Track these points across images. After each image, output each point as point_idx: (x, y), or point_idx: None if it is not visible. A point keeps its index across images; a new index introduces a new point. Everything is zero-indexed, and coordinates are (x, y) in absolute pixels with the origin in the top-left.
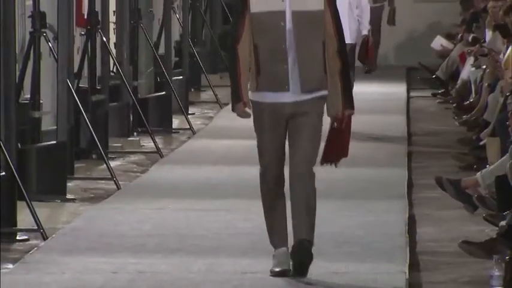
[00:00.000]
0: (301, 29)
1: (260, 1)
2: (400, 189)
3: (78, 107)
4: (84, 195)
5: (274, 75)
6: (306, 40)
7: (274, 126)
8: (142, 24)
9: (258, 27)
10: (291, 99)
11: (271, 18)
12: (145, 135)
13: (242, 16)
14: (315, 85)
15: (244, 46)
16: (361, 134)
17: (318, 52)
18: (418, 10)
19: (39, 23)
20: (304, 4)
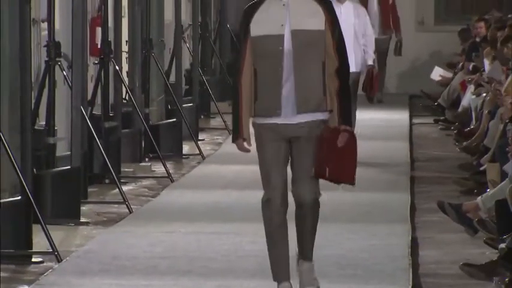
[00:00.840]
0: (299, 49)
1: (260, 25)
2: (403, 213)
3: (91, 133)
4: (97, 219)
5: (268, 100)
6: (304, 61)
7: (276, 149)
8: (153, 54)
9: (257, 51)
10: (289, 121)
11: (270, 42)
12: (157, 161)
13: (244, 42)
14: (311, 106)
15: (247, 75)
16: (365, 159)
17: (317, 73)
18: (420, 40)
19: (54, 52)
20: (304, 24)
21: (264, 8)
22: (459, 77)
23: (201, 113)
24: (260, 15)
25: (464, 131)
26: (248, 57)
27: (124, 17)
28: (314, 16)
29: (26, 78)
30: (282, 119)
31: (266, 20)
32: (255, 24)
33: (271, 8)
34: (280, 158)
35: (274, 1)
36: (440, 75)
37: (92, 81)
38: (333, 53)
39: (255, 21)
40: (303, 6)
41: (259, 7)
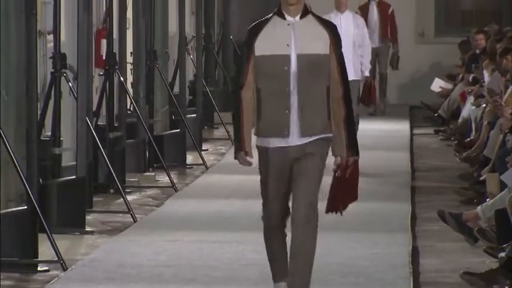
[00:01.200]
0: (305, 73)
1: (265, 45)
2: (404, 222)
3: (96, 143)
4: (102, 228)
5: (274, 120)
6: (310, 84)
7: (279, 173)
8: (158, 65)
9: (262, 71)
10: (294, 143)
11: (276, 62)
12: (161, 171)
13: (248, 60)
14: (316, 131)
15: (249, 91)
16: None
17: (322, 97)
18: (420, 52)
19: (60, 64)
20: (309, 48)
21: (268, 27)
22: (459, 88)
23: (205, 123)
24: (265, 35)
25: (464, 142)
26: (251, 76)
27: (129, 29)
28: (319, 39)
29: (32, 89)
30: (286, 141)
31: (271, 39)
32: (260, 43)
33: (276, 28)
34: (282, 184)
35: (279, 21)
36: (440, 87)
37: (97, 92)
38: (338, 77)
39: (260, 41)
40: (308, 28)
41: (263, 27)
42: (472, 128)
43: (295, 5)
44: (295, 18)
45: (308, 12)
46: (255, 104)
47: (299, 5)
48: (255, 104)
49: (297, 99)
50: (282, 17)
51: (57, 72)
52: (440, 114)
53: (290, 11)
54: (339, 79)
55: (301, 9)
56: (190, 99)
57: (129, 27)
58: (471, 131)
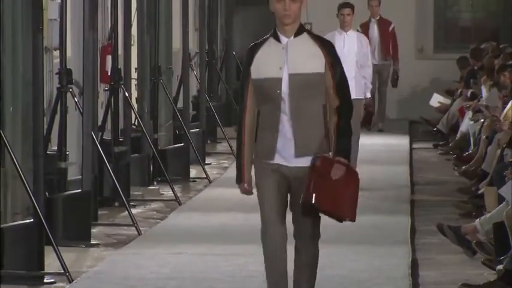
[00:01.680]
0: (297, 94)
1: (259, 68)
2: (403, 235)
3: (102, 158)
4: (107, 241)
5: (266, 143)
6: (303, 104)
7: (276, 187)
8: (162, 81)
9: (259, 93)
10: (290, 164)
11: (268, 85)
12: (165, 184)
13: (247, 83)
14: (311, 150)
15: (250, 117)
16: (367, 184)
17: (318, 116)
18: (419, 67)
19: (66, 80)
20: (303, 67)
21: (264, 49)
22: (458, 104)
23: (208, 138)
24: (260, 57)
25: (463, 156)
26: (251, 98)
27: (133, 45)
28: (313, 58)
29: (38, 105)
30: (282, 160)
31: (265, 62)
32: (255, 66)
33: (270, 51)
34: (279, 196)
35: (274, 43)
36: (439, 102)
37: (102, 107)
38: (334, 95)
39: (255, 63)
40: (302, 48)
41: (260, 48)
42: (470, 142)
43: (290, 24)
44: (290, 38)
45: (303, 31)
46: (254, 126)
47: (294, 25)
48: (255, 126)
49: (291, 121)
50: (277, 39)
51: (63, 87)
52: (439, 129)
53: (285, 31)
54: (335, 95)
55: (296, 28)
56: (194, 114)
57: (134, 43)
58: (469, 145)
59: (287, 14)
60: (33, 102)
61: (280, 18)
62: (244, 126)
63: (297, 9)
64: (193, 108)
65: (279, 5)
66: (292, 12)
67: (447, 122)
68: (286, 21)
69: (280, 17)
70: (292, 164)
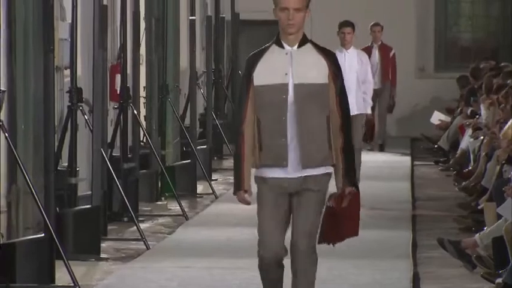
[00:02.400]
0: (303, 102)
1: (264, 74)
2: (405, 249)
3: (111, 174)
4: (116, 255)
5: (273, 150)
6: (308, 114)
7: (276, 202)
8: (169, 99)
9: (261, 100)
10: (293, 175)
11: (274, 91)
12: (172, 200)
13: (247, 91)
14: (317, 161)
15: (249, 126)
16: (370, 199)
17: (321, 127)
18: (420, 86)
19: (76, 98)
20: (308, 77)
21: (267, 57)
22: (458, 121)
23: (214, 154)
24: (263, 64)
25: (463, 172)
26: (250, 106)
27: (142, 64)
28: (317, 68)
29: (49, 122)
30: (286, 173)
31: (270, 69)
32: (259, 73)
33: (274, 57)
34: (280, 220)
35: (278, 50)
36: (439, 120)
37: (111, 124)
38: (336, 108)
39: (259, 71)
40: (306, 56)
41: (262, 56)
42: (470, 159)
43: (294, 34)
44: (294, 48)
45: (307, 41)
46: (255, 135)
47: (298, 34)
48: (256, 135)
49: (295, 129)
50: (281, 46)
51: (74, 105)
52: (440, 146)
53: (289, 40)
54: (337, 109)
55: (300, 38)
56: (201, 132)
57: (142, 62)
58: (469, 162)
59: (291, 23)
60: (45, 120)
61: (283, 28)
62: (243, 135)
63: (301, 19)
64: (200, 125)
65: (282, 14)
66: (296, 21)
67: (448, 139)
68: (290, 30)
69: (283, 27)
70: (297, 175)
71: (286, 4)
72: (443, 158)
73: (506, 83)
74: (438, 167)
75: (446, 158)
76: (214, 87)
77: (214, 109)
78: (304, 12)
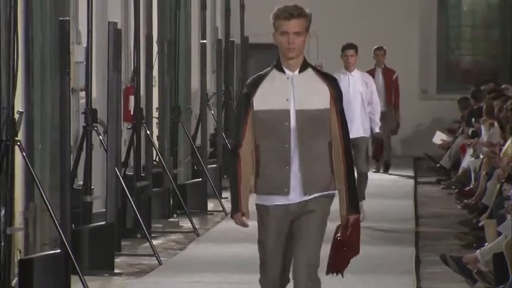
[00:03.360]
0: (305, 128)
1: (264, 99)
2: (409, 264)
3: (124, 192)
4: (129, 270)
5: (274, 178)
6: (310, 140)
7: (278, 234)
8: (181, 120)
9: (261, 126)
10: (295, 201)
11: (275, 117)
12: (184, 217)
13: (246, 116)
14: (319, 187)
15: (247, 149)
16: (374, 216)
17: (323, 152)
18: (423, 107)
19: (91, 119)
20: (309, 103)
21: (267, 81)
22: (459, 141)
23: (224, 173)
24: (264, 89)
25: (464, 190)
26: (249, 132)
27: (154, 86)
28: (319, 93)
29: (65, 142)
30: (288, 199)
31: (271, 94)
32: (259, 98)
33: (275, 82)
34: (281, 245)
35: (278, 75)
36: (441, 140)
37: (125, 144)
38: (338, 133)
39: (259, 95)
40: (307, 82)
41: (262, 81)
42: (471, 177)
43: (294, 58)
44: (295, 73)
45: (307, 66)
46: (253, 161)
47: (298, 59)
48: (254, 162)
49: (298, 156)
50: (281, 71)
51: (89, 126)
52: (442, 165)
53: (289, 65)
54: (338, 134)
55: (300, 63)
56: (211, 151)
57: (155, 84)
58: (471, 180)
59: (291, 47)
60: (61, 140)
61: (283, 52)
62: (240, 157)
63: (301, 43)
64: (211, 145)
65: (282, 38)
66: (296, 45)
67: (449, 159)
68: (290, 55)
69: (283, 51)
70: (297, 200)
71: (285, 28)
72: (445, 177)
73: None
74: (440, 185)
75: (448, 176)
76: (224, 108)
77: (224, 129)
78: (304, 36)
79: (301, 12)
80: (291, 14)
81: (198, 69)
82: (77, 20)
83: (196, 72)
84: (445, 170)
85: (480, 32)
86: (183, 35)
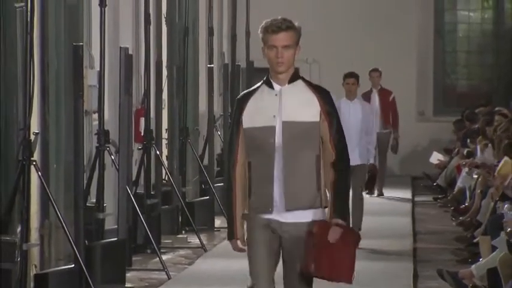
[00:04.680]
0: (291, 143)
1: (252, 117)
2: (407, 279)
3: (135, 209)
4: (140, 284)
5: (261, 196)
6: (296, 155)
7: (265, 242)
8: (189, 140)
9: (250, 144)
10: (281, 219)
11: (262, 134)
12: (192, 233)
13: (237, 134)
14: (303, 203)
15: (241, 170)
16: (374, 233)
17: (310, 167)
18: (420, 128)
19: (104, 139)
20: (297, 115)
21: (256, 97)
22: (455, 161)
23: None
24: (252, 105)
25: (460, 208)
26: (241, 150)
27: (164, 109)
28: (308, 106)
29: (79, 162)
30: (274, 215)
31: (258, 110)
32: (247, 115)
33: (263, 98)
34: (270, 253)
35: (267, 91)
36: (438, 159)
37: (136, 164)
38: (330, 146)
39: (247, 112)
40: (296, 95)
41: (251, 97)
42: (466, 196)
43: (284, 72)
44: (284, 86)
45: (298, 78)
46: (246, 180)
47: (288, 73)
48: (247, 181)
49: (282, 172)
50: (270, 86)
51: (101, 146)
52: (439, 184)
53: (279, 80)
54: (331, 146)
55: (290, 75)
56: (218, 170)
57: (164, 107)
58: (466, 198)
59: (280, 61)
60: (75, 160)
61: (272, 66)
62: (235, 180)
63: (291, 56)
64: (218, 165)
65: (271, 52)
66: (285, 59)
67: (445, 178)
68: (279, 69)
69: (272, 65)
70: (285, 219)
71: (274, 42)
72: (442, 195)
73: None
74: (437, 203)
75: (444, 195)
76: None
77: None
78: (294, 49)
79: (289, 25)
80: (279, 27)
81: (205, 92)
82: (90, 46)
83: (204, 95)
84: (441, 189)
85: (475, 57)
86: (191, 60)
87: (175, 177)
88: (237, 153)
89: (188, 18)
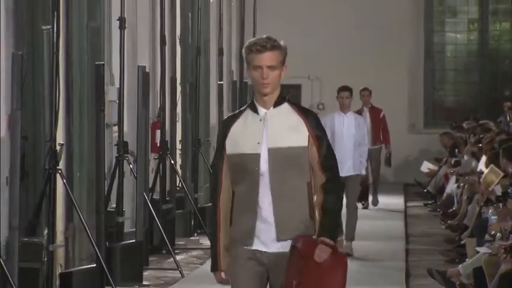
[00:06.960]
0: (277, 170)
1: (235, 142)
2: (399, 278)
3: (152, 214)
4: (156, 282)
5: (242, 228)
6: (285, 183)
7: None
8: (201, 151)
9: (234, 171)
10: (268, 249)
11: (246, 162)
12: (203, 235)
13: (221, 159)
14: (294, 233)
15: (225, 198)
16: (368, 236)
17: (301, 195)
18: (411, 139)
19: (123, 150)
20: (283, 141)
21: (240, 122)
22: (444, 170)
23: None
24: (236, 130)
25: (448, 212)
26: (226, 177)
27: (178, 122)
28: (295, 131)
29: (100, 171)
30: (260, 246)
31: (242, 136)
32: (230, 140)
33: (247, 123)
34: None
35: (252, 115)
36: (428, 168)
37: (152, 172)
38: (319, 167)
39: (231, 137)
40: (282, 120)
41: (235, 121)
42: (454, 201)
43: (269, 94)
44: (269, 110)
45: (283, 101)
46: (229, 209)
47: (273, 95)
48: (229, 210)
49: (269, 203)
50: (255, 110)
51: (121, 156)
52: (429, 190)
53: (264, 102)
54: (320, 169)
55: (275, 98)
56: None
57: (178, 120)
58: (454, 204)
59: (265, 82)
60: (96, 169)
61: (258, 88)
62: (218, 208)
63: (276, 77)
64: None
65: (256, 73)
66: (270, 80)
67: (435, 185)
68: (265, 90)
69: (257, 87)
70: (272, 249)
71: (258, 62)
72: (432, 201)
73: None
74: (427, 208)
75: (434, 200)
76: None
77: None
78: (279, 70)
79: (274, 45)
80: (264, 46)
81: (216, 106)
82: (111, 65)
83: (215, 110)
84: (431, 195)
85: (461, 75)
86: (203, 77)
87: (188, 184)
88: (221, 180)
89: (200, 39)
